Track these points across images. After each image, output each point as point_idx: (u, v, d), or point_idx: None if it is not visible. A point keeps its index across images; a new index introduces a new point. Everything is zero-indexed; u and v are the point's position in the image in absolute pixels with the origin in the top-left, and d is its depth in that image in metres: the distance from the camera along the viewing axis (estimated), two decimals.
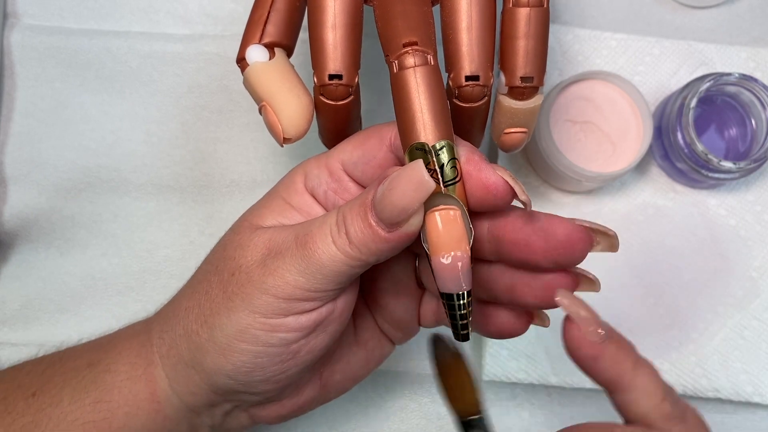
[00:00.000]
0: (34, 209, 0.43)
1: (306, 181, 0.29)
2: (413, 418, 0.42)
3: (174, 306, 0.31)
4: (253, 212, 0.30)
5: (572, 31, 0.45)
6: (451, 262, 0.25)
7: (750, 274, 0.43)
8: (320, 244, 0.26)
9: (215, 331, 0.28)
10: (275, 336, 0.27)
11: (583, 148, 0.42)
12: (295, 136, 0.30)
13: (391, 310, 0.33)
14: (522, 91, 0.30)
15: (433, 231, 0.25)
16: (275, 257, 0.27)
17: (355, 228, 0.26)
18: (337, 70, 0.29)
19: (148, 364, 0.30)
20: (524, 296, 0.28)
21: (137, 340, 0.31)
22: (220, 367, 0.28)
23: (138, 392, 0.30)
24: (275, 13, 0.31)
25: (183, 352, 0.29)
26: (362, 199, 0.26)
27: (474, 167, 0.26)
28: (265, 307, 0.27)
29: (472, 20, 0.29)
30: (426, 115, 0.26)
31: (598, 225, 0.27)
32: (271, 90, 0.30)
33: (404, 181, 0.24)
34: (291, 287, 0.26)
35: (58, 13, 0.45)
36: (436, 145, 0.26)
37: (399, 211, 0.24)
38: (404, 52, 0.27)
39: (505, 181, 0.26)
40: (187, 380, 0.29)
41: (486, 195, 0.26)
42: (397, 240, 0.25)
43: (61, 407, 0.30)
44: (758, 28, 0.47)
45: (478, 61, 0.29)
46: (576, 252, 0.26)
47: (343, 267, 0.26)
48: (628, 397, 0.27)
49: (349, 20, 0.29)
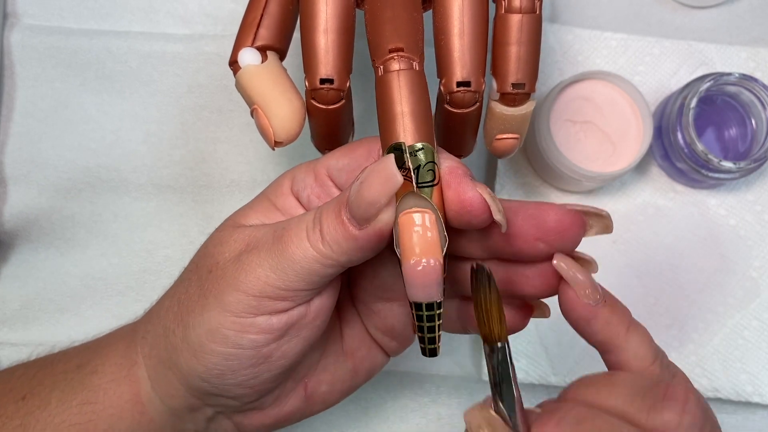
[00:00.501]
0: (34, 209, 0.43)
1: (293, 184, 0.29)
2: (413, 418, 0.42)
3: (158, 306, 0.31)
4: (239, 212, 0.30)
5: (572, 31, 0.45)
6: (422, 269, 0.24)
7: (750, 274, 0.43)
8: (295, 239, 0.26)
9: (188, 330, 0.27)
10: (245, 337, 0.27)
11: (583, 148, 0.42)
12: (286, 140, 0.30)
13: (383, 316, 0.32)
14: (513, 98, 0.30)
15: (405, 234, 0.24)
16: (250, 252, 0.27)
17: (329, 224, 0.25)
18: (328, 74, 0.29)
19: (131, 365, 0.30)
20: (522, 288, 0.28)
21: (123, 342, 0.31)
22: (192, 368, 0.28)
23: (122, 394, 0.30)
24: (268, 16, 0.31)
25: (162, 352, 0.29)
26: (339, 197, 0.26)
27: (454, 179, 0.26)
28: (235, 304, 0.26)
29: (465, 26, 0.29)
30: (407, 117, 0.26)
31: (589, 207, 0.26)
32: (263, 93, 0.30)
33: (373, 174, 0.24)
34: (262, 283, 0.26)
35: (58, 13, 0.45)
36: (415, 146, 0.25)
37: (367, 205, 0.24)
38: (389, 58, 0.27)
39: (482, 198, 0.25)
40: (167, 382, 0.29)
41: (461, 209, 0.25)
42: (366, 238, 0.25)
43: (48, 410, 0.30)
44: (758, 28, 0.47)
45: (469, 67, 0.29)
46: (570, 238, 0.26)
47: (315, 265, 0.26)
48: (619, 359, 0.27)
49: (340, 25, 0.29)
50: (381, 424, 0.42)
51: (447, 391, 0.43)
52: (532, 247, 0.26)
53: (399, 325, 0.32)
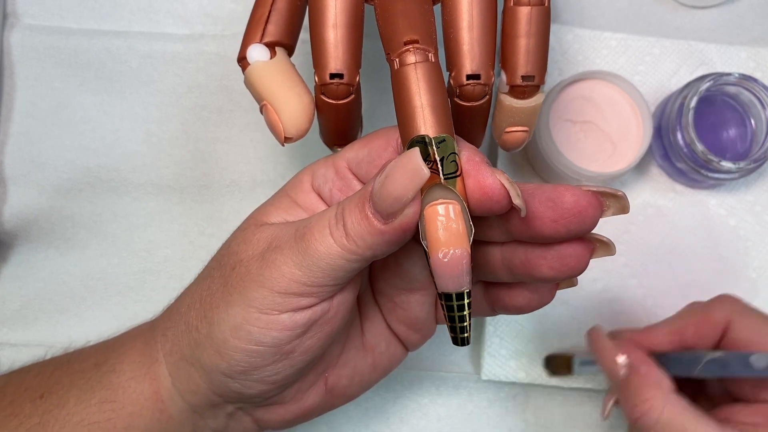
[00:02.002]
0: (33, 209, 0.43)
1: (313, 180, 0.29)
2: (413, 418, 0.42)
3: (178, 303, 0.31)
4: (261, 210, 0.30)
5: (572, 31, 0.45)
6: (450, 260, 0.24)
7: (749, 274, 0.43)
8: (318, 236, 0.26)
9: (213, 327, 0.28)
10: (269, 334, 0.27)
11: (583, 148, 0.42)
12: (296, 135, 0.30)
13: (407, 308, 0.32)
14: (523, 90, 0.30)
15: (432, 226, 0.24)
16: (274, 250, 0.27)
17: (352, 220, 0.25)
18: (338, 69, 0.29)
19: (152, 363, 0.30)
20: (541, 270, 0.27)
21: (142, 339, 0.31)
22: (216, 364, 0.28)
23: (142, 391, 0.30)
24: (276, 12, 0.31)
25: (184, 348, 0.29)
26: (361, 191, 0.26)
27: (473, 167, 0.25)
28: (260, 300, 0.26)
29: (474, 19, 0.29)
30: (426, 109, 0.26)
31: (605, 188, 0.26)
32: (273, 89, 0.30)
33: (399, 168, 0.24)
34: (287, 280, 0.26)
35: (58, 13, 0.45)
36: (436, 138, 0.25)
37: (393, 200, 0.24)
38: (405, 50, 0.27)
39: (502, 185, 0.25)
40: (188, 378, 0.29)
41: (482, 197, 0.25)
42: (392, 232, 0.25)
43: (67, 408, 0.30)
44: (758, 28, 0.47)
45: (479, 60, 0.29)
46: (587, 219, 0.25)
47: (339, 260, 0.26)
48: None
49: (350, 20, 0.29)
50: (381, 424, 0.42)
51: (447, 391, 0.43)
52: (549, 229, 0.26)
53: (423, 315, 0.32)
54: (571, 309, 0.43)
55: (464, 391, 0.43)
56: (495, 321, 0.42)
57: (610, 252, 0.27)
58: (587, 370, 0.40)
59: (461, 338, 0.26)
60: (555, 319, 0.43)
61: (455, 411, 0.42)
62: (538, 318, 0.42)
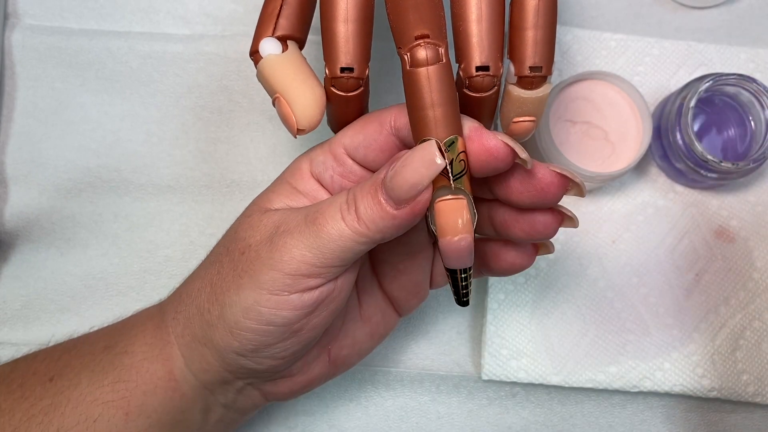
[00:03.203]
0: (34, 209, 0.43)
1: (312, 167, 0.31)
2: (413, 417, 0.42)
3: (186, 287, 0.32)
4: (263, 197, 0.31)
5: (572, 31, 0.45)
6: (456, 245, 0.27)
7: (751, 274, 0.43)
8: (330, 220, 0.28)
9: (225, 308, 0.29)
10: (280, 314, 0.28)
11: (582, 149, 0.42)
12: (308, 127, 0.31)
13: (409, 272, 0.35)
14: (531, 81, 0.31)
15: (441, 217, 0.27)
16: (282, 234, 0.28)
17: (365, 205, 0.27)
18: (348, 63, 0.30)
19: (164, 345, 0.32)
20: (514, 231, 0.31)
21: (152, 323, 0.32)
22: (228, 344, 0.30)
23: (155, 371, 0.31)
24: (287, 6, 0.31)
25: (196, 330, 0.31)
26: (373, 179, 0.28)
27: (476, 133, 0.28)
28: (271, 282, 0.28)
29: (482, 12, 0.30)
30: (437, 112, 0.27)
31: (567, 171, 0.29)
32: (285, 82, 0.31)
33: (417, 158, 0.26)
34: (297, 262, 0.28)
35: (59, 13, 0.45)
36: (446, 141, 0.27)
37: (409, 187, 0.26)
38: (416, 45, 0.28)
39: (505, 143, 0.28)
40: (201, 358, 0.31)
41: (488, 158, 0.28)
42: (403, 217, 0.27)
43: (79, 389, 0.31)
44: (758, 28, 0.47)
45: (488, 52, 0.29)
46: (553, 192, 0.29)
47: (350, 243, 0.28)
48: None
49: (360, 14, 0.30)
50: (381, 423, 0.42)
51: (447, 390, 0.43)
52: (517, 198, 0.30)
53: (422, 278, 0.35)
54: (572, 308, 0.43)
55: (464, 390, 0.43)
56: (496, 321, 0.42)
57: (574, 225, 0.32)
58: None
59: (463, 301, 0.30)
60: (556, 319, 0.43)
61: (455, 409, 0.43)
62: (539, 318, 0.43)
